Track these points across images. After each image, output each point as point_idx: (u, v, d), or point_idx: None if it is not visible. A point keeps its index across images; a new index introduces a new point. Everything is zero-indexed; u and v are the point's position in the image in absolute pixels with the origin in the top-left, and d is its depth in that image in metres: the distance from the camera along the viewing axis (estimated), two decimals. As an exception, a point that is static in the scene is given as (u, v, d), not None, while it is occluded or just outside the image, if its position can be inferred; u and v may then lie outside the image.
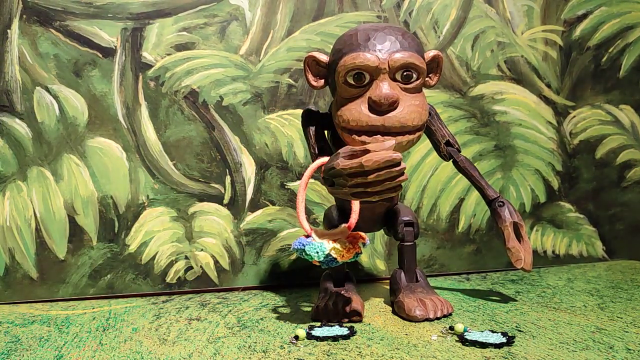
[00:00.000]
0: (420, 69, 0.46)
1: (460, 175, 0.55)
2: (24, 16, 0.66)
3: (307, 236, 0.44)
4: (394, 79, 0.46)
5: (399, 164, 0.38)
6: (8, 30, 0.66)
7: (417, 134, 0.47)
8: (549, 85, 0.80)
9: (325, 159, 0.46)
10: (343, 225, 0.46)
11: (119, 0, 0.68)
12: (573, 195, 0.81)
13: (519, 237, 0.53)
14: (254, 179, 0.71)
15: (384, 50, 0.45)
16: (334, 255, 0.43)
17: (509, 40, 0.79)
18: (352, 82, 0.46)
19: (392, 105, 0.45)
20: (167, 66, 0.69)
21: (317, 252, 0.43)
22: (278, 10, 0.72)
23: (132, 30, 0.69)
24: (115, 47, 0.68)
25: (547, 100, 0.80)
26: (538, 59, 0.80)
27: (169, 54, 0.69)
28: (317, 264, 0.44)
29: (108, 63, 0.68)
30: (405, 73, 0.46)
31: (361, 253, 0.46)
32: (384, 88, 0.45)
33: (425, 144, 0.73)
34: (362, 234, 0.46)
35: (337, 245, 0.44)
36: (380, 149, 0.39)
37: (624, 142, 0.82)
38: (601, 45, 0.82)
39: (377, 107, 0.45)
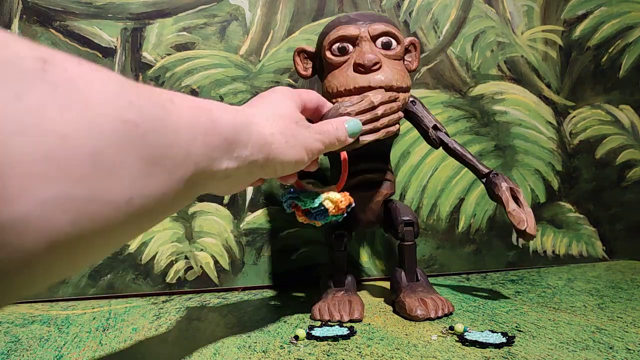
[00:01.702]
0: (398, 38, 0.51)
1: (460, 175, 0.55)
2: (24, 16, 0.66)
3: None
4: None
5: (396, 100, 0.47)
6: (8, 30, 0.66)
7: (404, 94, 0.50)
8: (549, 85, 0.80)
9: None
10: (332, 186, 0.45)
11: (119, 0, 0.68)
12: (573, 195, 0.81)
13: (518, 204, 0.52)
14: (254, 179, 0.71)
15: (364, 23, 0.51)
16: (328, 206, 0.42)
17: (509, 40, 0.79)
18: (337, 52, 0.51)
19: (376, 65, 0.49)
20: (167, 66, 0.69)
21: (313, 199, 0.42)
22: (278, 10, 0.72)
23: (132, 30, 0.69)
24: (115, 47, 0.68)
25: (547, 100, 0.80)
26: (538, 59, 0.80)
27: (169, 54, 0.69)
28: (306, 220, 0.43)
29: (108, 63, 0.68)
30: (384, 40, 0.51)
31: (353, 205, 0.44)
32: (366, 50, 0.49)
33: (425, 144, 0.73)
34: (350, 197, 0.44)
35: (331, 196, 0.42)
36: (376, 94, 0.46)
37: (624, 142, 0.82)
38: (601, 45, 0.82)
39: (362, 68, 0.49)
